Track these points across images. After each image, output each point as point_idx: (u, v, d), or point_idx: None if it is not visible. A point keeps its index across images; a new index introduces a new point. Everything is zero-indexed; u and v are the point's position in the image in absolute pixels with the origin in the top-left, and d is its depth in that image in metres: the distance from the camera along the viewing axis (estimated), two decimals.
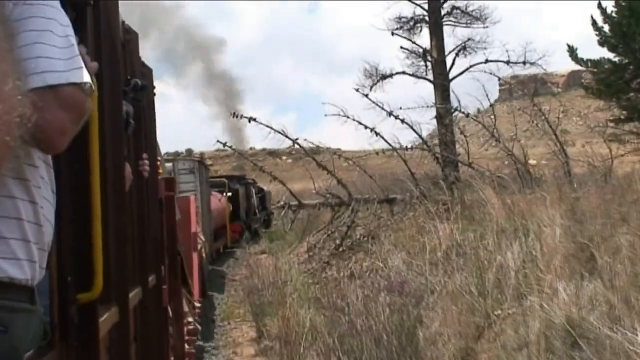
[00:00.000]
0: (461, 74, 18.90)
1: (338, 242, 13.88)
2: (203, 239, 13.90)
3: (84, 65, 1.68)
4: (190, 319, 8.04)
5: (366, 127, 14.43)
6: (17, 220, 1.56)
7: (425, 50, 19.19)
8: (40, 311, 1.78)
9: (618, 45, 19.78)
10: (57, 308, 1.97)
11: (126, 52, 3.26)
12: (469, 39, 19.18)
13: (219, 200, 24.96)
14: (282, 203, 15.41)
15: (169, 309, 5.44)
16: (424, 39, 19.58)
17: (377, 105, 15.22)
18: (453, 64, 19.02)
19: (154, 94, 4.30)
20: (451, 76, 18.91)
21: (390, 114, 14.82)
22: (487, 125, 15.28)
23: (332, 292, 10.56)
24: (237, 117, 14.14)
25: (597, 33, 20.05)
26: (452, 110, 15.70)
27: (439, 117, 16.86)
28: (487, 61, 18.34)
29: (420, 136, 15.33)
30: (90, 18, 2.37)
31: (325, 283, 11.96)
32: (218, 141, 14.43)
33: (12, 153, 1.37)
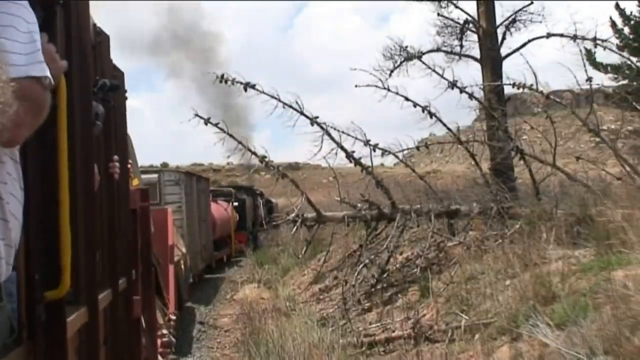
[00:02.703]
0: (518, 49, 14.94)
1: (375, 274, 9.88)
2: (184, 250, 13.83)
3: (43, 60, 1.70)
4: (165, 331, 7.99)
5: (415, 105, 10.62)
6: None
7: (467, 20, 15.44)
8: (7, 307, 1.78)
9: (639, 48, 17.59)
10: (24, 305, 1.96)
11: (96, 54, 3.27)
12: (528, 5, 15.28)
13: (224, 209, 25.08)
14: (292, 216, 10.35)
15: (142, 320, 5.41)
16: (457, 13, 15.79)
17: (437, 73, 11.58)
18: (503, 38, 15.36)
19: (125, 97, 4.31)
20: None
21: (453, 84, 11.12)
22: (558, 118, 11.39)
23: None
24: (226, 81, 10.08)
25: (617, 35, 17.85)
26: (518, 86, 11.11)
27: (489, 102, 13.13)
28: (549, 35, 14.40)
29: (497, 118, 11.34)
30: (60, 18, 2.38)
31: None
32: (198, 116, 9.94)
33: None
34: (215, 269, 22.32)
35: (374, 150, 10.46)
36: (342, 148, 10.19)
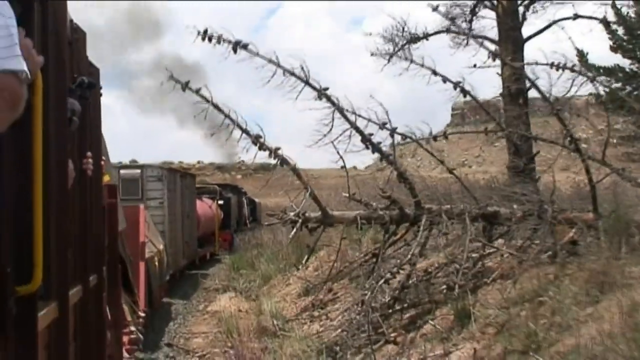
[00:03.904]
0: (543, 30, 13.07)
1: (392, 291, 7.79)
2: (160, 247, 13.80)
3: (21, 54, 1.71)
4: (133, 328, 7.96)
5: (445, 81, 8.36)
6: None
7: None
8: None
9: (635, 49, 16.42)
10: None
11: (73, 50, 3.27)
12: None
13: (208, 207, 25.19)
14: (292, 214, 8.01)
15: (107, 315, 5.41)
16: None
17: (475, 39, 10.47)
18: (523, 19, 13.33)
19: (100, 94, 4.31)
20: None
21: (495, 55, 9.24)
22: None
23: None
24: (210, 39, 7.73)
25: (610, 36, 16.53)
26: (557, 67, 8.28)
27: (509, 91, 11.19)
28: (576, 16, 12.68)
29: (548, 99, 8.36)
30: (37, 13, 2.39)
31: None
32: (174, 79, 7.40)
33: None
34: (199, 266, 22.40)
35: (392, 136, 8.35)
36: (358, 129, 8.05)
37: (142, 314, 9.33)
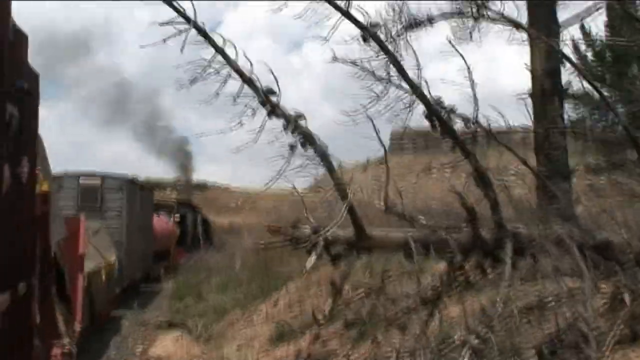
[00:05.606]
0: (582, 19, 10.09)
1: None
2: (112, 259, 13.69)
3: None
4: (67, 340, 7.79)
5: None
6: None
7: None
8: None
9: (604, 75, 14.07)
10: None
11: (13, 53, 3.21)
12: None
13: (165, 223, 25.10)
14: (311, 234, 5.23)
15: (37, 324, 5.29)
16: None
17: (484, 16, 8.54)
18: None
19: (38, 100, 4.22)
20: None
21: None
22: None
23: None
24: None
25: (580, 61, 14.06)
26: None
27: (542, 89, 8.73)
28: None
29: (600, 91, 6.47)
30: None
31: None
32: None
33: None
34: (153, 280, 22.39)
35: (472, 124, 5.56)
36: (423, 96, 5.27)
37: (78, 328, 9.13)
